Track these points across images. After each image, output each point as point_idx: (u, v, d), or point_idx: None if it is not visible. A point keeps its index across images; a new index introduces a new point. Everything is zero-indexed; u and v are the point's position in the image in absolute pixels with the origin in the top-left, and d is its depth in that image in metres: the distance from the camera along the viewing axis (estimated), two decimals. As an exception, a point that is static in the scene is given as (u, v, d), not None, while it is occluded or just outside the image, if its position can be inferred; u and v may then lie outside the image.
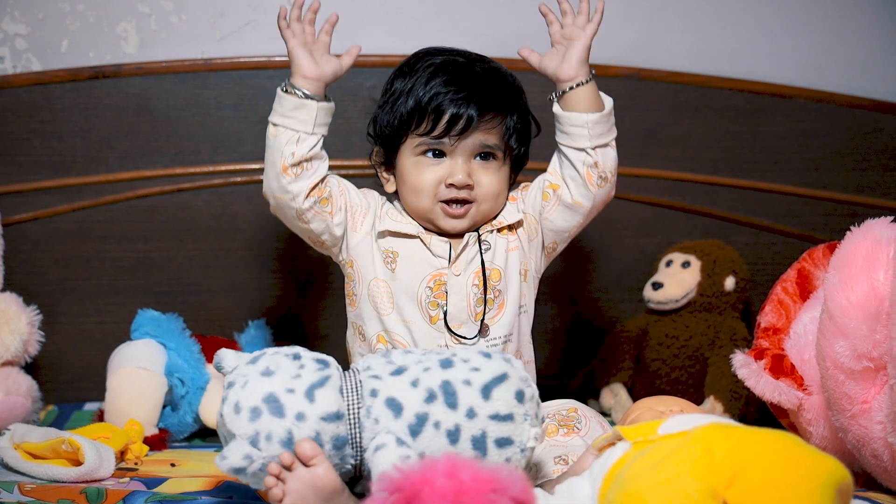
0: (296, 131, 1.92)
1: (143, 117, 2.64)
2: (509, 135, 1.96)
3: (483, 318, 1.94)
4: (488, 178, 1.95)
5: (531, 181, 2.06)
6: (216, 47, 2.68)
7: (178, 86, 2.64)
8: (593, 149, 1.94)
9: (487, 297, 1.94)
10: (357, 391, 1.62)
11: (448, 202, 1.94)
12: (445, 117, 1.91)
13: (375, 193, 2.05)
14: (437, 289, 1.94)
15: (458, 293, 1.94)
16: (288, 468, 1.56)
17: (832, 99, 2.79)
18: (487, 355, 1.66)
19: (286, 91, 1.93)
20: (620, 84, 2.73)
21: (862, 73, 2.84)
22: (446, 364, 1.65)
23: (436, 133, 1.92)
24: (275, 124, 1.93)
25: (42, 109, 2.61)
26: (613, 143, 1.98)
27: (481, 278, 1.95)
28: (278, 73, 2.65)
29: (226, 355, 1.66)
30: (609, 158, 1.97)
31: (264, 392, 1.58)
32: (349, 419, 1.60)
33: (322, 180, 1.94)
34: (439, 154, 1.94)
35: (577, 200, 1.97)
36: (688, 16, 2.81)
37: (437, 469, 1.33)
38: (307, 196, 1.93)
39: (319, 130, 1.94)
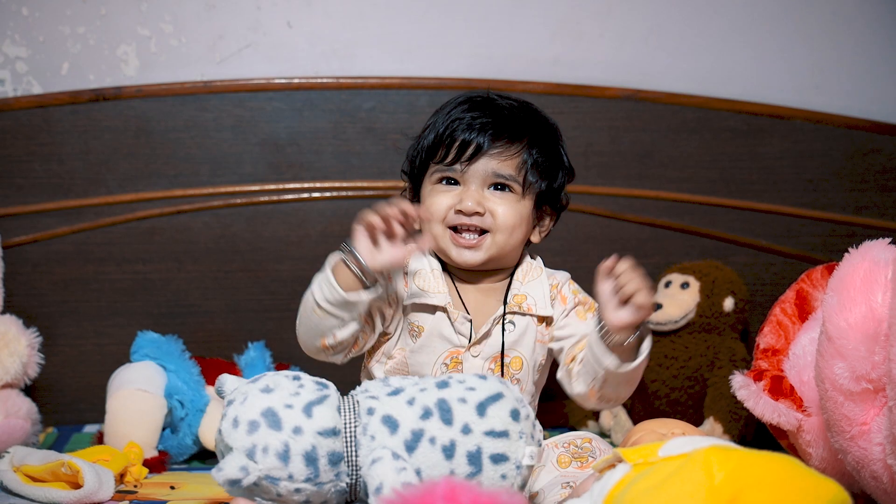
0: (340, 318, 1.79)
1: (142, 139, 2.64)
2: (526, 167, 1.89)
3: None
4: (503, 208, 1.88)
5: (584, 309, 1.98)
6: (216, 70, 2.69)
7: (178, 108, 2.65)
8: (606, 379, 1.84)
9: None
10: (354, 410, 1.64)
11: (458, 231, 1.89)
12: (457, 144, 1.87)
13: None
14: (452, 366, 1.89)
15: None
16: None
17: (829, 120, 2.80)
18: (483, 377, 1.68)
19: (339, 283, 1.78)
20: (618, 105, 2.75)
21: (859, 94, 2.85)
22: (442, 385, 1.66)
23: (448, 160, 1.88)
24: (319, 307, 1.78)
25: (42, 132, 2.61)
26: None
27: (498, 363, 1.90)
28: (278, 94, 2.67)
29: (227, 380, 1.68)
30: (618, 390, 1.86)
31: (263, 406, 1.60)
32: (346, 436, 1.62)
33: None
34: (453, 182, 1.90)
35: (579, 400, 1.91)
36: (685, 38, 2.83)
37: (436, 493, 1.33)
38: (346, 356, 1.88)
39: (364, 313, 1.81)
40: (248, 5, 2.71)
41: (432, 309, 1.91)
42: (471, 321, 1.90)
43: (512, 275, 1.97)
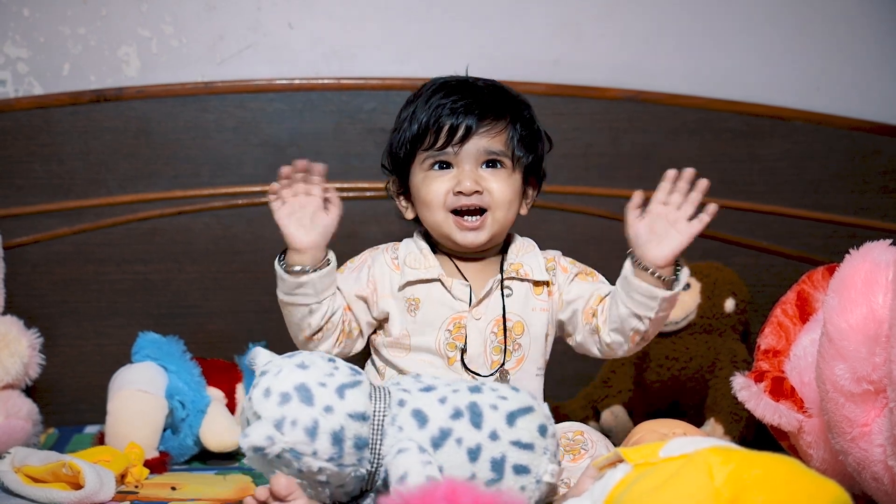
0: (305, 305, 1.89)
1: (143, 140, 2.64)
2: (514, 141, 1.94)
3: (502, 365, 1.92)
4: (498, 184, 1.92)
5: (582, 274, 2.02)
6: (216, 70, 2.70)
7: (179, 109, 2.65)
8: (652, 320, 1.88)
9: (507, 347, 1.93)
10: (385, 400, 1.64)
11: (461, 214, 1.93)
12: (446, 128, 1.91)
13: (377, 256, 2.00)
14: (455, 331, 1.92)
15: (476, 338, 1.92)
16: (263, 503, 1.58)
17: (830, 121, 2.80)
18: (516, 389, 1.71)
19: (285, 270, 1.89)
20: (619, 106, 2.75)
21: (860, 96, 2.85)
22: (475, 389, 1.68)
23: (438, 145, 1.91)
24: (283, 302, 1.92)
25: (42, 133, 2.61)
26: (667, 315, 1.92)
27: (501, 326, 1.93)
28: (279, 95, 2.67)
29: (260, 352, 1.70)
30: (658, 327, 1.91)
31: (297, 381, 1.60)
32: (374, 423, 1.62)
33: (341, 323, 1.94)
34: (446, 165, 1.93)
35: (613, 349, 1.95)
36: (684, 39, 2.83)
37: (437, 493, 1.33)
38: (336, 345, 1.94)
39: (327, 293, 1.90)
40: (248, 6, 2.71)
41: (427, 283, 1.95)
42: (469, 286, 1.94)
43: (506, 249, 2.02)
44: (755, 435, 2.38)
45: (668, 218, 1.88)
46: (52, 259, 2.63)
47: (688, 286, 2.54)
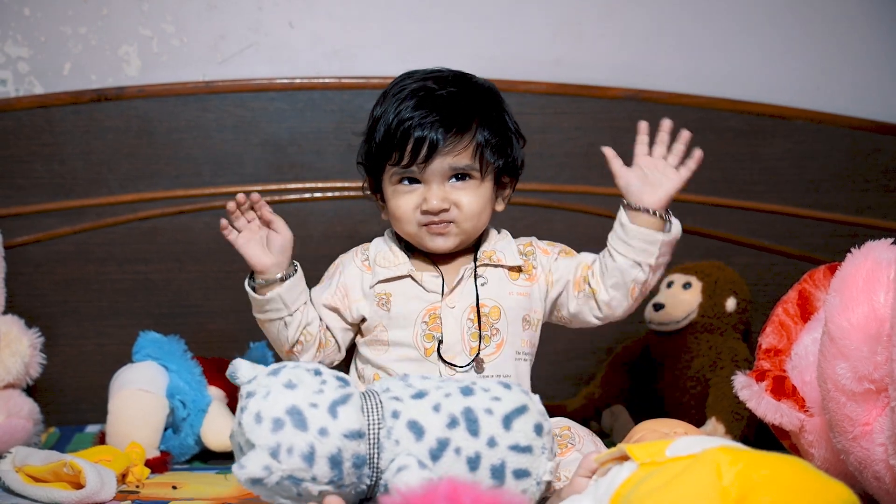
0: (279, 318, 1.94)
1: (144, 139, 2.65)
2: (481, 150, 1.92)
3: (478, 353, 1.93)
4: (467, 198, 1.92)
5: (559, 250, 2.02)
6: (217, 70, 2.70)
7: (180, 108, 2.65)
8: (652, 268, 1.91)
9: (483, 333, 1.93)
10: (378, 411, 1.62)
11: (428, 224, 1.93)
12: (410, 144, 1.89)
13: (347, 262, 2.01)
14: (431, 322, 1.93)
15: (452, 326, 1.93)
16: None
17: (831, 120, 2.80)
18: (507, 386, 1.68)
19: (253, 290, 1.94)
20: (620, 105, 2.74)
21: (861, 95, 2.85)
22: (467, 391, 1.65)
23: (404, 162, 1.91)
24: (259, 320, 1.97)
25: (43, 132, 2.62)
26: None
27: (476, 313, 1.94)
28: (279, 95, 2.67)
29: (241, 365, 1.65)
30: (657, 276, 1.94)
31: (287, 404, 1.56)
32: (370, 438, 1.60)
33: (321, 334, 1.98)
34: (414, 181, 1.93)
35: (612, 308, 1.95)
36: (687, 38, 2.83)
37: (438, 492, 1.33)
38: (316, 354, 1.97)
39: (297, 304, 1.94)
40: (249, 5, 2.71)
41: (398, 279, 1.96)
42: (441, 276, 1.95)
43: (479, 242, 2.02)
44: (756, 434, 2.38)
45: (657, 167, 1.93)
46: (53, 259, 2.63)
47: (689, 285, 2.54)
